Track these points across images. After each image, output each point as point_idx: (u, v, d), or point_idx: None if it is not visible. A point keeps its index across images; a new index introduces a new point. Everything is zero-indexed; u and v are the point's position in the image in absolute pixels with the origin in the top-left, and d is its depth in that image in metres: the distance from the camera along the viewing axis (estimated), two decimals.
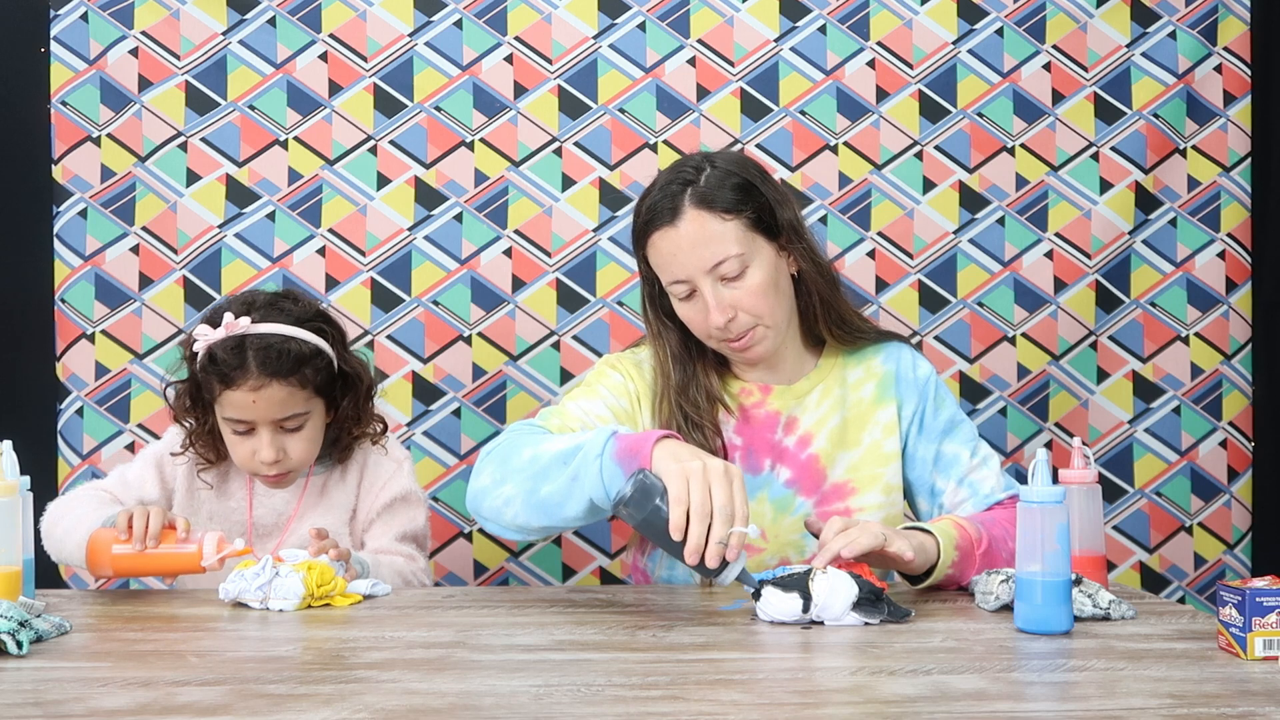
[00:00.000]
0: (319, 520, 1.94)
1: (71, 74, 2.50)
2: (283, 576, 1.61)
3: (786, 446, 1.85)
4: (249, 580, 1.61)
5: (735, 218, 1.74)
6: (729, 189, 1.75)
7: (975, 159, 2.58)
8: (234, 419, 1.86)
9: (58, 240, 2.50)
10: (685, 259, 1.74)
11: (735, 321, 1.75)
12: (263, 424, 1.85)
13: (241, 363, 1.82)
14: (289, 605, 1.59)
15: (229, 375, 1.83)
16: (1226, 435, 2.59)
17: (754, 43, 2.57)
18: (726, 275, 1.73)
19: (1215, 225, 2.61)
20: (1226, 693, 1.17)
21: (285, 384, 1.84)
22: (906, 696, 1.16)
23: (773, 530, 1.82)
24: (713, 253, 1.73)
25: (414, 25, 2.55)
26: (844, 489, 1.84)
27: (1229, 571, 2.58)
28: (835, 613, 1.47)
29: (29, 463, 1.65)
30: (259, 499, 1.97)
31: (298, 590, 1.60)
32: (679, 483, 1.44)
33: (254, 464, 1.88)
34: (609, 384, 1.84)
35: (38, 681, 1.24)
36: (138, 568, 1.73)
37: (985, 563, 1.69)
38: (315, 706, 1.13)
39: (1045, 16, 2.59)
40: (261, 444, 1.86)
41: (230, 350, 1.83)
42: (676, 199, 1.75)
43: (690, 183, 1.75)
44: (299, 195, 2.52)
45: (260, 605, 1.61)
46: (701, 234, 1.73)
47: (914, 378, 1.89)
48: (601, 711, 1.12)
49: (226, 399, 1.85)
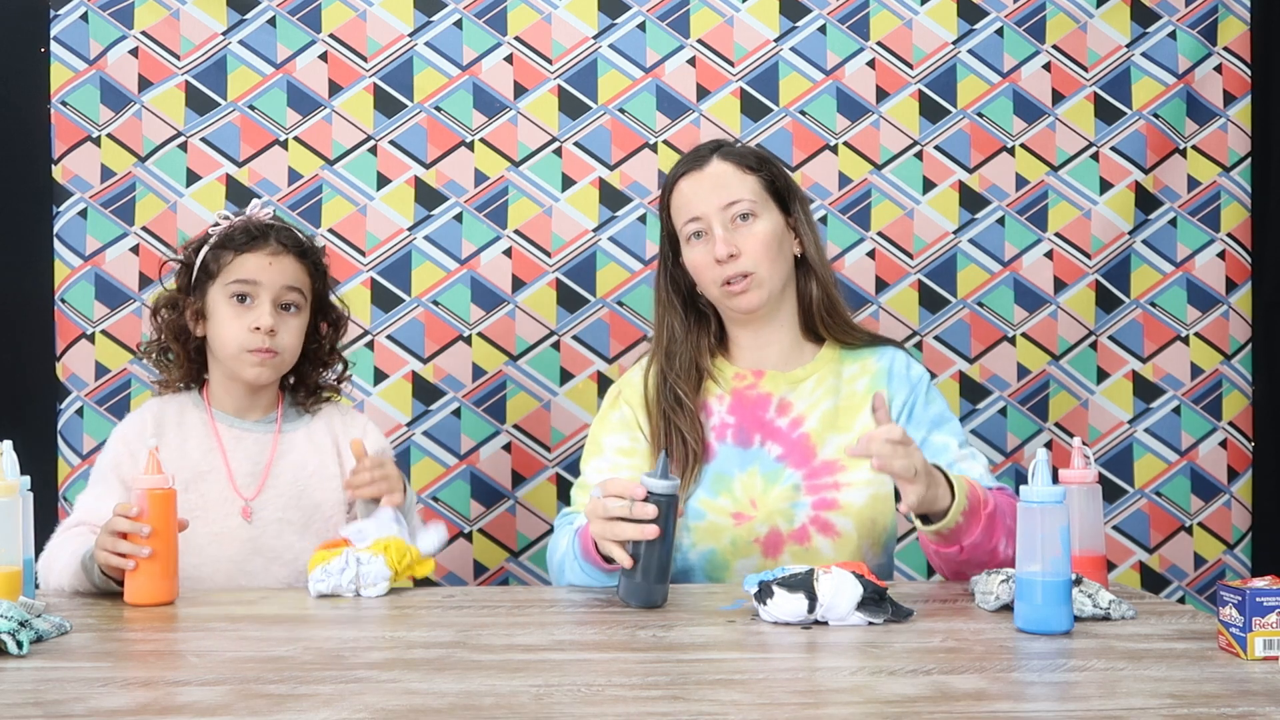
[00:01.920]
0: (297, 459, 1.97)
1: (71, 74, 2.50)
2: (365, 564, 1.69)
3: (779, 426, 1.91)
4: (337, 576, 1.68)
5: (754, 175, 1.93)
6: (752, 155, 1.96)
7: (975, 159, 2.58)
8: (242, 280, 1.91)
9: (58, 240, 2.50)
10: (705, 196, 1.91)
11: (736, 261, 1.88)
12: (267, 291, 1.92)
13: (263, 234, 1.94)
14: (379, 590, 1.68)
15: (247, 243, 1.93)
16: (1226, 435, 2.59)
17: (754, 43, 2.57)
18: (736, 215, 1.90)
19: (1215, 225, 2.61)
20: (1226, 693, 1.17)
21: (296, 260, 1.96)
22: (907, 696, 1.16)
23: (763, 499, 1.88)
24: (730, 192, 1.90)
25: (414, 25, 2.55)
26: (833, 466, 1.88)
27: (1229, 571, 2.58)
28: (840, 613, 1.47)
29: (29, 463, 1.65)
30: (231, 450, 1.96)
31: (384, 573, 1.69)
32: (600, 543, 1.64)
33: (248, 338, 1.91)
34: (609, 429, 1.96)
35: (38, 681, 1.24)
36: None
37: (989, 525, 1.70)
38: (315, 706, 1.13)
39: (1045, 16, 2.59)
40: (262, 313, 1.91)
41: (248, 227, 1.95)
42: (705, 153, 1.96)
43: (720, 145, 1.97)
44: (299, 195, 2.52)
45: (358, 594, 1.69)
46: (722, 177, 1.92)
47: (906, 374, 1.96)
48: (601, 711, 1.12)
49: (238, 264, 1.92)
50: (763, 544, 1.86)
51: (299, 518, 1.94)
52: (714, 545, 1.87)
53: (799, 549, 1.85)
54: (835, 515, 1.85)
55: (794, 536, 1.85)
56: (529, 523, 2.52)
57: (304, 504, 1.95)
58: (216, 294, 1.93)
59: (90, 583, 1.72)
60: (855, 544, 1.85)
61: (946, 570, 1.77)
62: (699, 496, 1.88)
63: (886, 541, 1.92)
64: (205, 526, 1.88)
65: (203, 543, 1.87)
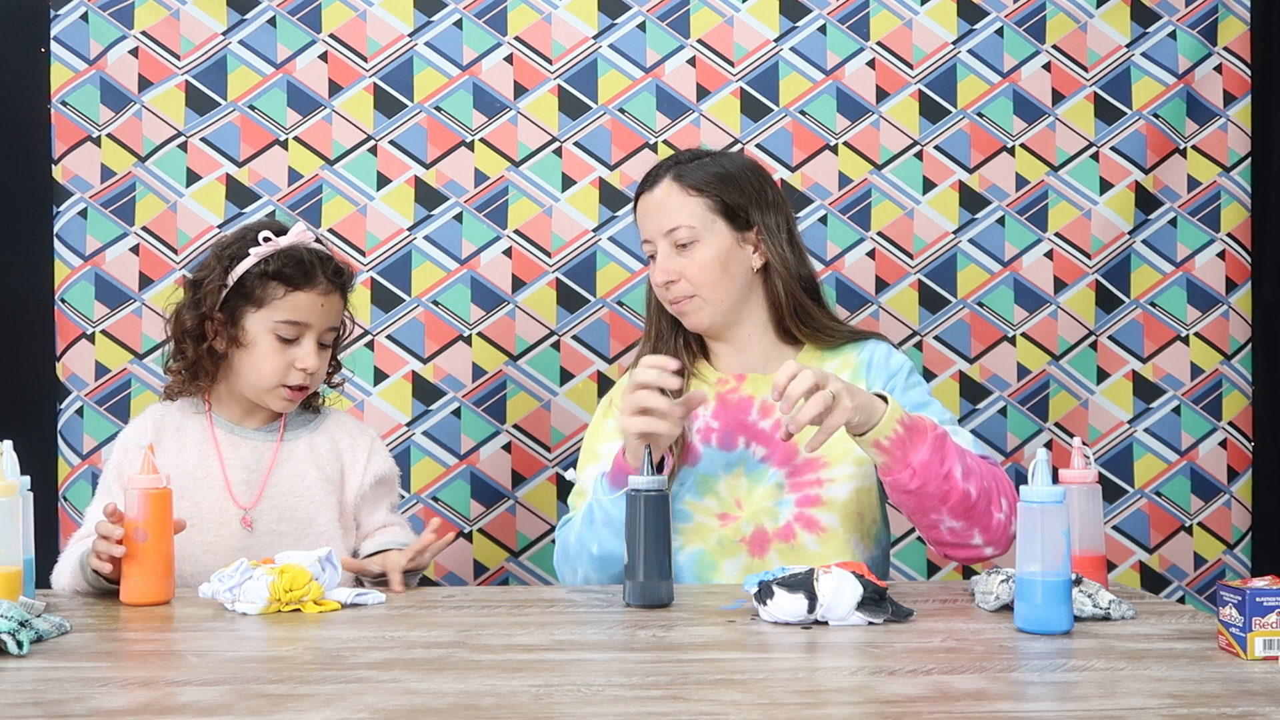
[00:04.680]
0: (295, 469, 1.94)
1: (71, 74, 2.50)
2: (251, 580, 1.59)
3: (762, 428, 1.92)
4: (224, 581, 1.61)
5: (699, 196, 1.94)
6: (706, 174, 1.95)
7: (975, 159, 2.58)
8: (291, 322, 1.89)
9: (58, 240, 2.50)
10: (650, 220, 1.96)
11: (676, 285, 1.93)
12: (314, 331, 1.91)
13: (313, 270, 1.90)
14: (252, 609, 1.58)
15: (299, 279, 1.89)
16: (1226, 435, 2.59)
17: (754, 43, 2.57)
18: (678, 242, 1.93)
19: (1215, 225, 2.61)
20: (1226, 693, 1.17)
21: (341, 298, 1.95)
22: (907, 696, 1.16)
23: (747, 499, 1.89)
24: (670, 219, 1.93)
25: (414, 25, 2.55)
26: (816, 462, 1.88)
27: (1229, 571, 2.58)
28: (840, 613, 1.47)
29: (29, 463, 1.65)
30: (229, 458, 1.94)
31: (262, 595, 1.58)
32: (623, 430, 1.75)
33: (288, 375, 1.89)
34: (604, 437, 1.97)
35: (38, 681, 1.24)
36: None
37: (937, 447, 1.71)
38: (315, 706, 1.13)
39: (1045, 16, 2.59)
40: (307, 351, 1.89)
41: (300, 259, 1.89)
42: (660, 171, 1.98)
43: (678, 162, 1.98)
44: (299, 195, 2.52)
45: (230, 607, 1.60)
46: (666, 201, 1.95)
47: (886, 364, 1.96)
48: (601, 711, 1.12)
49: (290, 302, 1.88)
50: (749, 543, 1.87)
51: (293, 529, 1.92)
52: (701, 546, 1.88)
53: (785, 547, 1.85)
54: (820, 511, 1.86)
55: (779, 535, 1.86)
56: (529, 523, 2.52)
57: (299, 517, 1.93)
58: (258, 325, 1.89)
59: (87, 583, 1.73)
60: (842, 539, 1.86)
61: (908, 507, 1.77)
62: (685, 499, 1.90)
63: (877, 535, 1.93)
64: (199, 535, 1.86)
65: (195, 551, 1.85)
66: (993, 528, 1.77)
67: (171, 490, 1.67)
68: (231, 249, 1.92)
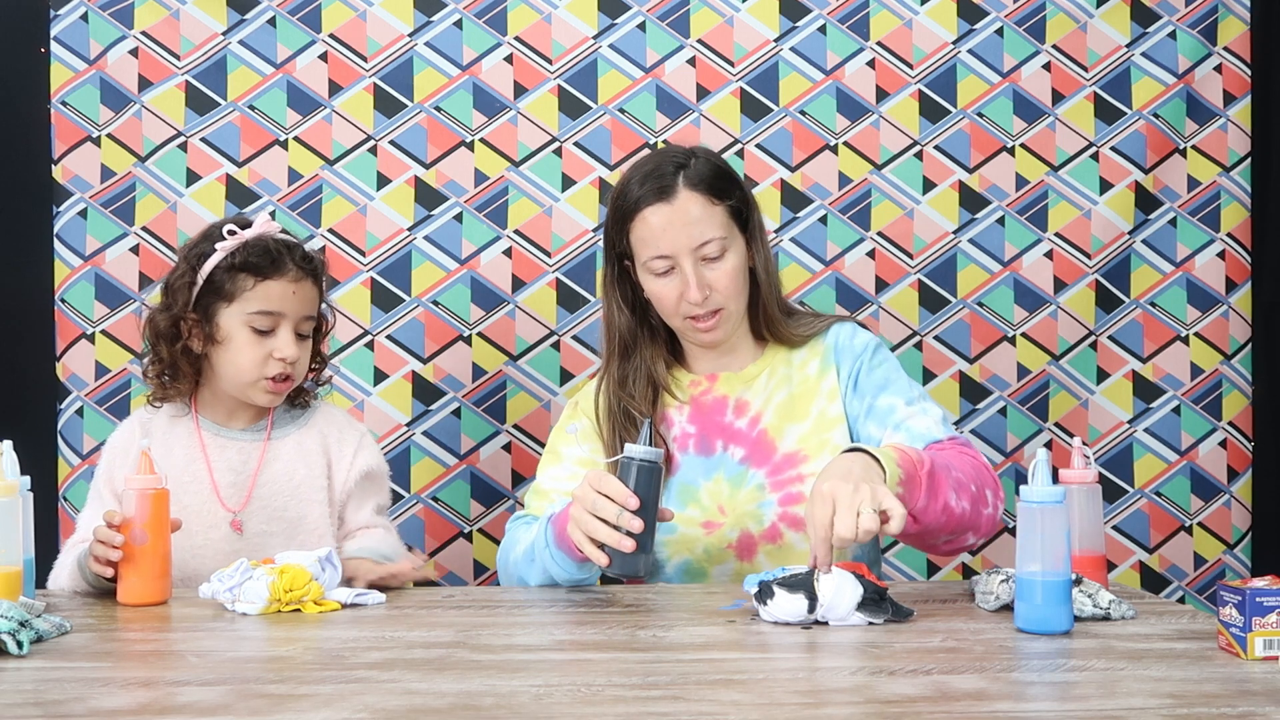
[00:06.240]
0: (283, 469, 1.93)
1: (71, 74, 2.50)
2: (252, 580, 1.59)
3: (739, 428, 1.91)
4: (224, 581, 1.60)
5: (722, 204, 1.85)
6: (718, 177, 1.87)
7: (975, 159, 2.58)
8: (264, 312, 1.87)
9: (58, 240, 2.50)
10: (675, 235, 1.83)
11: (709, 299, 1.85)
12: (289, 320, 1.89)
13: (281, 257, 1.88)
14: (252, 609, 1.58)
15: (267, 268, 1.87)
16: (1226, 435, 2.59)
17: (754, 43, 2.57)
18: (708, 256, 1.84)
19: (1215, 225, 2.61)
20: (1226, 693, 1.17)
21: (314, 285, 1.93)
22: (907, 696, 1.16)
23: (730, 504, 1.87)
24: (701, 231, 1.83)
25: (414, 25, 2.55)
26: (795, 458, 1.87)
27: (1229, 571, 2.58)
28: (840, 613, 1.47)
29: (29, 463, 1.65)
30: (215, 460, 1.93)
31: (262, 595, 1.58)
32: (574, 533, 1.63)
33: (267, 366, 1.88)
34: (568, 441, 1.94)
35: (38, 681, 1.24)
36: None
37: (931, 485, 1.62)
38: (315, 706, 1.13)
39: (1045, 16, 2.59)
40: (284, 341, 1.88)
41: (266, 248, 1.88)
42: (670, 179, 1.84)
43: (682, 166, 1.85)
44: (299, 195, 2.52)
45: (230, 607, 1.60)
46: (694, 213, 1.83)
47: (850, 345, 1.93)
48: (601, 711, 1.12)
49: (261, 292, 1.87)
50: (736, 549, 1.86)
51: (283, 529, 1.91)
52: (688, 556, 1.87)
53: (772, 548, 1.85)
54: (803, 509, 1.81)
55: (765, 537, 1.85)
56: None
57: (289, 516, 1.92)
58: (232, 319, 1.88)
59: (86, 583, 1.73)
60: None
61: (911, 541, 1.74)
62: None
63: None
64: (188, 539, 1.83)
65: (184, 556, 1.82)
66: (983, 525, 1.74)
67: (169, 490, 1.67)
68: (198, 248, 1.91)
